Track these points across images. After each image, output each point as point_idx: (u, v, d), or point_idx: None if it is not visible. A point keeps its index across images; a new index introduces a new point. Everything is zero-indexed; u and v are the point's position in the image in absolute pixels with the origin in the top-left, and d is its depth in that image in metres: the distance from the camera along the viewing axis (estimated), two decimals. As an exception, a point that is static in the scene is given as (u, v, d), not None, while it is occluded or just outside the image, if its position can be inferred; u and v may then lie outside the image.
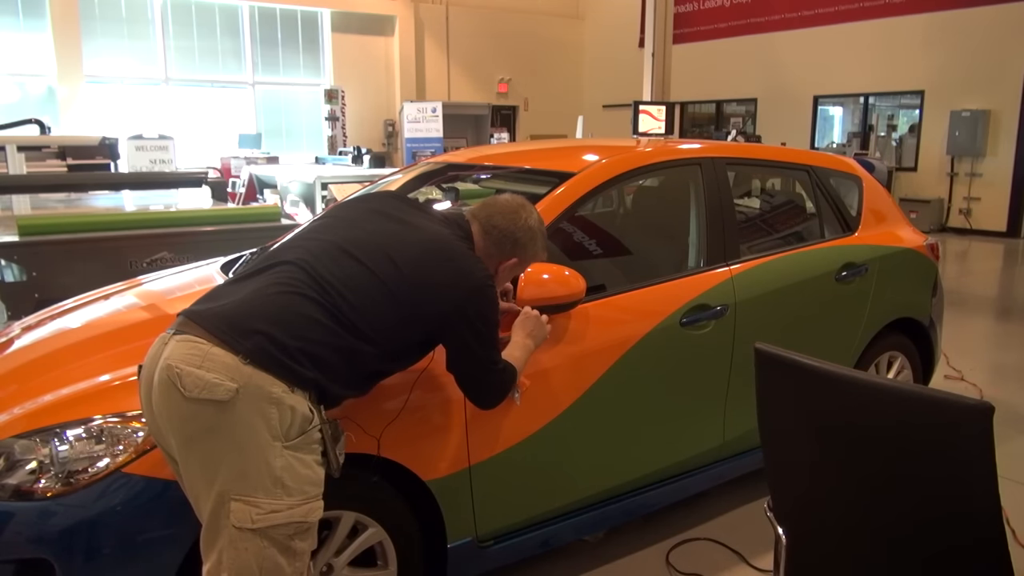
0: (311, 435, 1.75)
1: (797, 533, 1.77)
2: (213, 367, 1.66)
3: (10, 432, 1.95)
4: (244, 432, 1.66)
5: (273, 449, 1.68)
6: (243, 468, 1.67)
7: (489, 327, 1.99)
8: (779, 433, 1.74)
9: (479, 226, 2.12)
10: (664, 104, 12.05)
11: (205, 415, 1.65)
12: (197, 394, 1.64)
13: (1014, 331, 6.51)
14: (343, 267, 1.87)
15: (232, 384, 1.65)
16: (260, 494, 1.68)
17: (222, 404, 1.64)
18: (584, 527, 2.75)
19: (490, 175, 3.49)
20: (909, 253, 3.77)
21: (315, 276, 1.83)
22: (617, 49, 17.33)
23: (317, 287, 1.81)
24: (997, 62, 11.86)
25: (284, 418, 1.69)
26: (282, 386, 1.69)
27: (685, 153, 3.21)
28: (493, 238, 2.11)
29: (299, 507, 1.71)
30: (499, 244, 2.12)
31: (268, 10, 14.80)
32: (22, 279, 4.14)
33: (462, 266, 1.95)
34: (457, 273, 1.93)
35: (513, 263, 2.15)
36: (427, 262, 1.93)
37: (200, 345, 1.69)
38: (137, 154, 10.06)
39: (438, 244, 1.98)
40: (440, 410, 2.27)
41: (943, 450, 1.40)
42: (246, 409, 1.66)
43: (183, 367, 1.66)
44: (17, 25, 12.61)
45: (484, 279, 1.96)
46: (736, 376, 3.01)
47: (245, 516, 1.67)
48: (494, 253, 2.12)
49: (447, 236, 2.02)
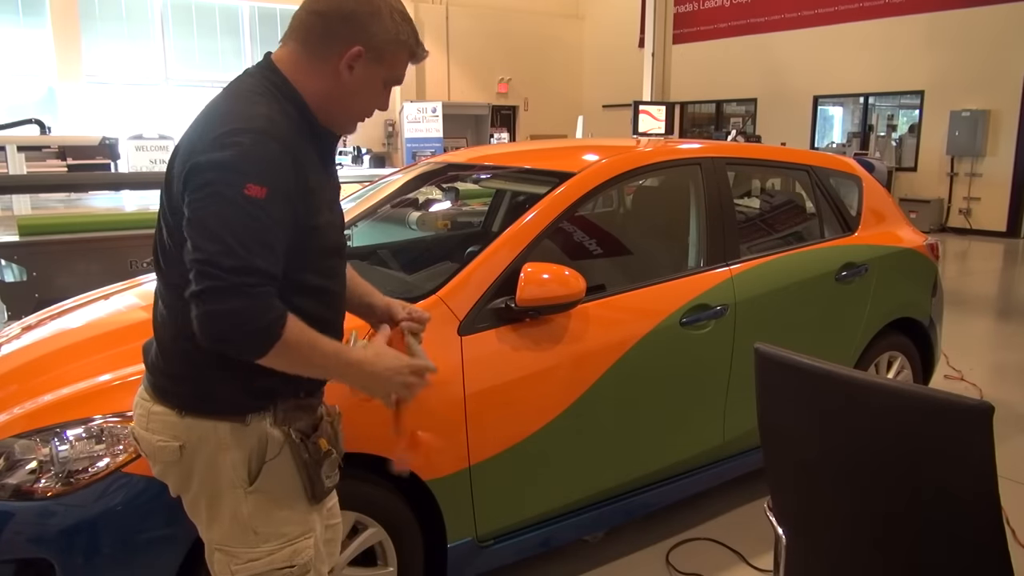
0: (277, 467, 1.53)
1: (797, 533, 1.77)
2: (157, 428, 1.54)
3: (10, 432, 1.95)
4: (205, 484, 1.53)
5: (237, 495, 1.52)
6: (217, 516, 1.55)
7: (213, 197, 1.35)
8: (779, 433, 1.74)
9: (293, 36, 1.53)
10: (664, 104, 12.06)
11: (172, 474, 1.57)
12: (151, 458, 1.58)
13: (1014, 331, 6.51)
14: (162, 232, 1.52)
15: (175, 443, 1.51)
16: (235, 543, 1.54)
17: (175, 463, 1.53)
18: (584, 527, 2.75)
19: (490, 175, 3.49)
20: (909, 253, 3.77)
21: (161, 272, 1.54)
22: (617, 49, 17.33)
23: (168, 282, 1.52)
24: (997, 62, 11.86)
25: (239, 461, 1.51)
26: (227, 426, 1.49)
27: (685, 153, 3.21)
28: (316, 31, 1.50)
29: (279, 551, 1.55)
30: (326, 32, 1.49)
31: (268, 10, 14.81)
32: (22, 279, 4.15)
33: (210, 119, 1.44)
34: (197, 130, 1.45)
35: (358, 54, 1.49)
36: (181, 140, 1.49)
37: (144, 403, 1.58)
38: (137, 154, 10.07)
39: (199, 113, 1.51)
40: (440, 410, 2.27)
41: (943, 450, 1.40)
42: (199, 462, 1.52)
43: (137, 430, 1.60)
44: (17, 24, 12.61)
45: (228, 128, 1.39)
46: (736, 376, 3.01)
47: (224, 568, 1.56)
48: (325, 49, 1.50)
49: (215, 100, 1.52)
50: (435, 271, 2.73)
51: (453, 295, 2.37)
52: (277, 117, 1.45)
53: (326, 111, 1.55)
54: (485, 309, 2.40)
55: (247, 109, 1.44)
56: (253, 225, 1.35)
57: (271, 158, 1.39)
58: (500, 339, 2.40)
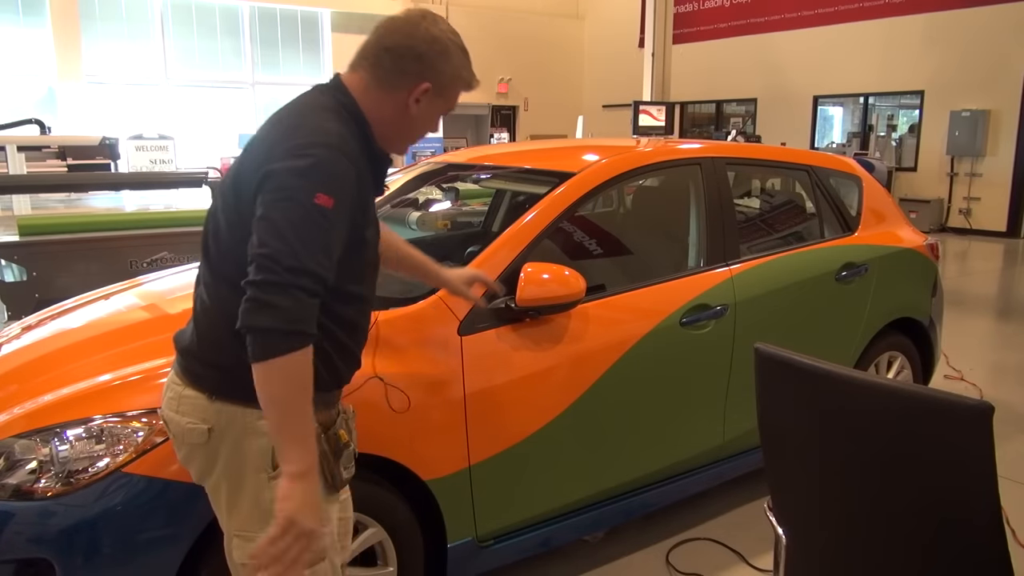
0: None
1: (797, 533, 1.77)
2: (187, 410, 1.61)
3: (10, 432, 1.95)
4: (230, 469, 1.60)
5: (260, 481, 1.58)
6: (237, 503, 1.61)
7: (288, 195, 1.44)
8: (779, 433, 1.74)
9: (365, 65, 1.62)
10: (664, 104, 12.06)
11: (196, 457, 1.63)
12: (179, 439, 1.64)
13: (1014, 331, 6.51)
14: (218, 227, 1.60)
15: (204, 426, 1.58)
16: (255, 529, 1.58)
17: (203, 446, 1.60)
18: (584, 527, 2.75)
19: (490, 175, 3.49)
20: (909, 253, 3.77)
21: (209, 263, 1.63)
22: (617, 49, 17.33)
23: (214, 273, 1.60)
24: (997, 62, 11.86)
25: (265, 447, 1.56)
26: (256, 412, 1.52)
27: (685, 153, 3.21)
28: (387, 66, 1.59)
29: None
30: (397, 68, 1.59)
31: (268, 10, 14.80)
32: (22, 279, 4.15)
33: (287, 130, 1.54)
34: (274, 136, 1.54)
35: (426, 90, 1.61)
36: (250, 144, 1.59)
37: (175, 387, 1.65)
38: (137, 154, 10.07)
39: (270, 120, 1.62)
40: (440, 410, 2.27)
41: (943, 450, 1.40)
42: (225, 446, 1.59)
43: (167, 413, 1.66)
44: (17, 24, 12.61)
45: (306, 141, 1.49)
46: (736, 376, 3.01)
47: (243, 553, 1.60)
48: (395, 83, 1.60)
49: (288, 109, 1.63)
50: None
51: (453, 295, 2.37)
52: (347, 134, 1.55)
53: (386, 135, 1.65)
54: (485, 309, 2.40)
55: (321, 124, 1.53)
56: (316, 231, 1.44)
57: (341, 172, 1.49)
58: (500, 339, 2.40)
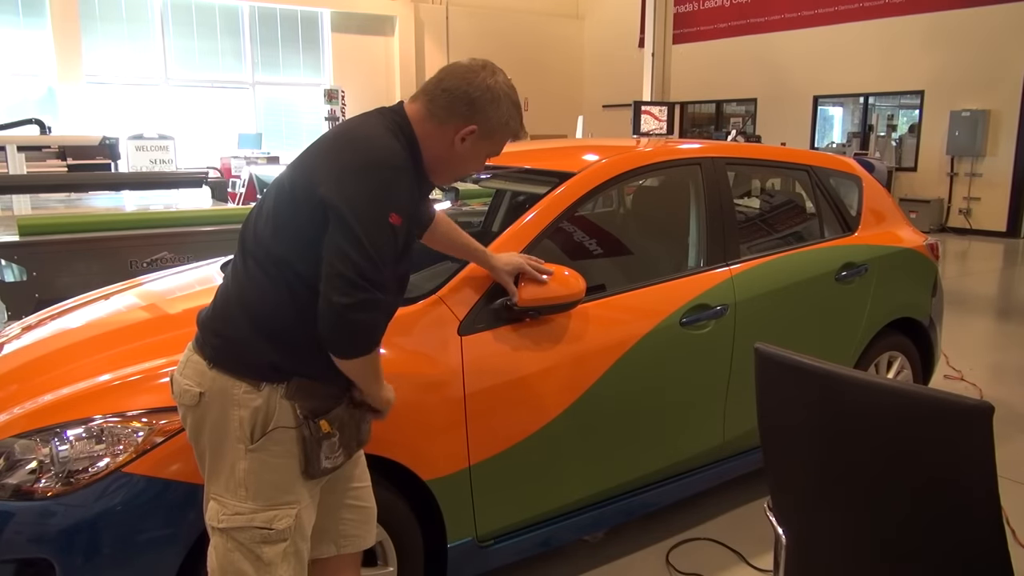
0: (278, 436, 1.68)
1: (797, 533, 1.77)
2: (188, 373, 1.74)
3: (10, 432, 1.95)
4: (213, 435, 1.71)
5: (237, 451, 1.69)
6: (216, 469, 1.72)
7: (360, 216, 1.57)
8: (779, 433, 1.74)
9: (424, 99, 1.77)
10: (665, 104, 12.05)
11: (189, 418, 1.75)
12: (177, 399, 1.76)
13: (1014, 331, 6.52)
14: (261, 214, 1.75)
15: (197, 389, 1.71)
16: (227, 495, 1.71)
17: (194, 408, 1.72)
18: (584, 527, 2.75)
19: (490, 175, 3.49)
20: (909, 253, 3.77)
21: (243, 245, 1.77)
22: (617, 49, 17.33)
23: (246, 255, 1.74)
24: (997, 62, 11.86)
25: (246, 420, 1.67)
26: (244, 386, 1.67)
27: (685, 153, 3.21)
28: (441, 103, 1.75)
29: (261, 512, 1.70)
30: (449, 107, 1.74)
31: (268, 10, 14.80)
32: (22, 279, 4.14)
33: (356, 143, 1.67)
34: (346, 149, 1.67)
35: (472, 131, 1.76)
36: (319, 149, 1.73)
37: (188, 353, 1.79)
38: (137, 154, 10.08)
39: (337, 132, 1.75)
40: (440, 410, 2.27)
41: (943, 450, 1.40)
42: (213, 412, 1.70)
43: (175, 376, 1.79)
44: (17, 24, 12.61)
45: (375, 160, 1.63)
46: (736, 376, 3.01)
47: (214, 515, 1.72)
48: (445, 119, 1.75)
49: (356, 123, 1.75)
50: (435, 271, 2.72)
51: (453, 295, 2.37)
52: (407, 156, 1.71)
53: (433, 165, 1.82)
54: (485, 309, 2.40)
55: (388, 143, 1.68)
56: (389, 246, 1.62)
57: (406, 191, 1.67)
58: (500, 339, 2.40)
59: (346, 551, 1.95)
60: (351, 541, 1.95)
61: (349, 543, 1.95)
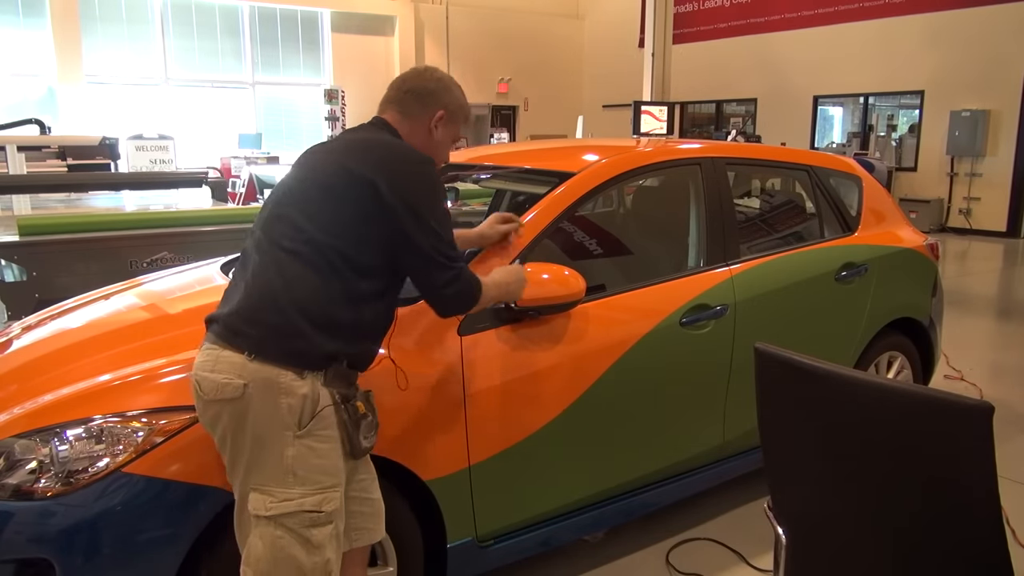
0: (323, 421, 1.78)
1: (797, 533, 1.77)
2: (223, 369, 1.77)
3: (10, 432, 1.95)
4: (259, 425, 1.75)
5: (285, 439, 1.75)
6: (261, 460, 1.76)
7: (428, 210, 1.89)
8: (779, 433, 1.74)
9: (393, 106, 2.07)
10: (665, 104, 12.05)
11: (225, 415, 1.77)
12: (213, 396, 1.77)
13: (1014, 331, 6.52)
14: (299, 213, 1.88)
15: (240, 381, 1.74)
16: (273, 484, 1.76)
17: (235, 401, 1.75)
18: (584, 527, 2.75)
19: (490, 175, 3.49)
20: (909, 253, 3.77)
21: (277, 243, 1.86)
22: (617, 49, 17.33)
23: (281, 250, 1.84)
24: (997, 62, 11.86)
25: (295, 407, 1.75)
26: (289, 375, 1.75)
27: (685, 153, 3.21)
28: (410, 102, 2.05)
29: (311, 496, 1.77)
30: (419, 102, 2.06)
31: (268, 10, 14.81)
32: (22, 279, 4.15)
33: (391, 147, 1.96)
34: (385, 152, 1.94)
35: (440, 116, 2.07)
36: (352, 153, 1.93)
37: (213, 351, 1.80)
38: (137, 154, 10.08)
39: (354, 138, 2.01)
40: (440, 410, 2.27)
41: (943, 450, 1.40)
42: (258, 403, 1.74)
43: (200, 374, 1.80)
44: (17, 25, 12.61)
45: (415, 159, 1.95)
46: (736, 376, 3.01)
47: (260, 504, 1.76)
48: (417, 115, 2.06)
49: (367, 134, 2.03)
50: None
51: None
52: None
53: None
54: (485, 309, 2.40)
55: (407, 145, 2.00)
56: (450, 227, 1.95)
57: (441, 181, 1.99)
58: (500, 339, 2.40)
59: (358, 544, 2.00)
60: (362, 534, 2.01)
61: (361, 536, 2.01)
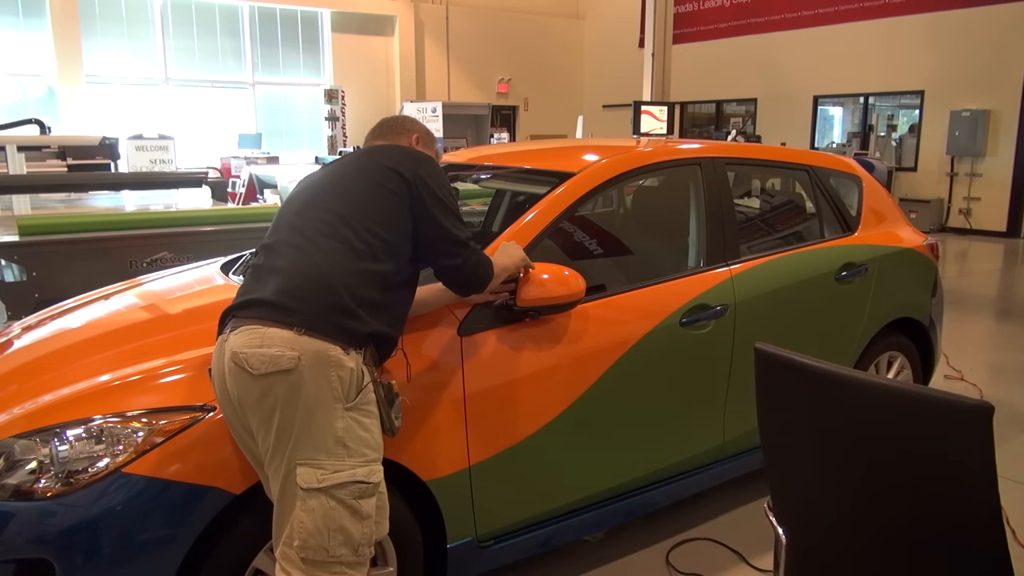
0: (367, 396, 1.87)
1: (797, 533, 1.78)
2: (273, 343, 1.81)
3: (10, 432, 1.95)
4: (311, 397, 1.80)
5: (335, 411, 1.82)
6: (310, 432, 1.80)
7: (444, 193, 2.13)
8: (779, 433, 1.74)
9: (380, 139, 2.41)
10: (665, 104, 12.04)
11: (276, 388, 1.79)
12: (264, 369, 1.79)
13: (1014, 331, 6.52)
14: (340, 205, 2.06)
15: (293, 353, 1.79)
16: (323, 456, 1.81)
17: (288, 373, 1.79)
18: (584, 527, 2.75)
19: (490, 175, 3.49)
20: (909, 253, 3.77)
21: (308, 228, 2.01)
22: (617, 49, 17.33)
23: (322, 236, 1.97)
24: (997, 62, 11.86)
25: (344, 380, 1.83)
26: (338, 349, 1.83)
27: (685, 153, 3.21)
28: (389, 133, 2.42)
29: (360, 467, 1.84)
30: (397, 131, 2.41)
31: (268, 10, 14.81)
32: (22, 279, 4.14)
33: (403, 149, 2.24)
34: (401, 150, 2.22)
35: (417, 139, 2.41)
36: (373, 154, 2.20)
37: (257, 329, 1.84)
38: (137, 154, 10.07)
39: (375, 147, 2.29)
40: (440, 410, 2.27)
41: (943, 450, 1.40)
42: (310, 375, 1.80)
43: (246, 351, 1.81)
44: (17, 25, 12.61)
45: (422, 154, 2.22)
46: (736, 376, 3.01)
47: (311, 477, 1.80)
48: (405, 136, 2.41)
49: (378, 144, 2.34)
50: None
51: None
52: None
53: None
54: (485, 309, 2.40)
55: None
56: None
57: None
58: (500, 339, 2.40)
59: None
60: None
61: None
